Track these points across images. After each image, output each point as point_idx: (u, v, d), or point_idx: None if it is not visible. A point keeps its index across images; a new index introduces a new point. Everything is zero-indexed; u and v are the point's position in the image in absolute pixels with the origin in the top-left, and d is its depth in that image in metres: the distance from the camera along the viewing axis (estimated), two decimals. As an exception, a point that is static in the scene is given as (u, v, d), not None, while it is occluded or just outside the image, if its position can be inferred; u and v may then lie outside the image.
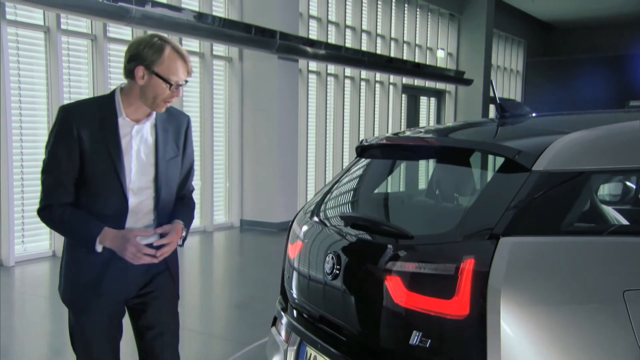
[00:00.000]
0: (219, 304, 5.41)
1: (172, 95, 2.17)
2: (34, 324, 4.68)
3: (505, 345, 1.61)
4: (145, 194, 2.24)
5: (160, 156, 2.24)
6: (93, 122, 2.14)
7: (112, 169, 2.14)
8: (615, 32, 19.48)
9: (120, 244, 2.10)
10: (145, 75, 2.12)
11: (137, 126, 2.21)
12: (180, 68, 2.15)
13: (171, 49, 2.14)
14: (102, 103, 2.20)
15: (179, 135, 2.33)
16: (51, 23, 6.59)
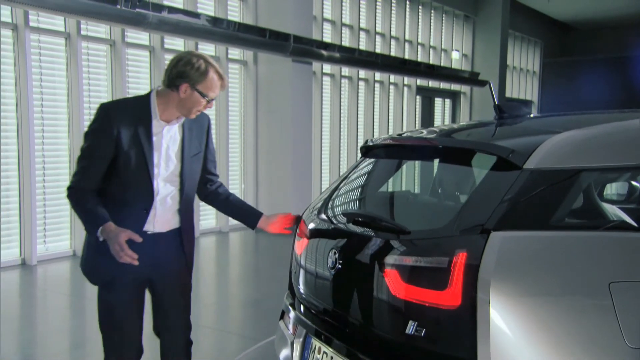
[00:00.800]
0: (233, 302, 5.54)
1: (205, 107, 2.52)
2: (56, 320, 4.85)
3: (494, 333, 1.70)
4: (171, 186, 2.53)
5: (185, 153, 2.55)
6: (130, 120, 2.41)
7: (143, 163, 2.43)
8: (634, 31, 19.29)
9: (112, 240, 2.30)
10: (188, 90, 2.43)
11: (168, 126, 2.51)
12: (217, 87, 2.50)
13: (214, 72, 2.47)
14: (138, 104, 2.48)
15: (202, 134, 2.66)
16: (72, 29, 6.79)
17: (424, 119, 13.60)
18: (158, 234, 2.52)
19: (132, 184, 2.44)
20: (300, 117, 9.04)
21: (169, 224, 2.57)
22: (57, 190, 6.86)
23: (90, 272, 2.50)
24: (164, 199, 2.51)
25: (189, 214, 2.64)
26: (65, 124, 6.85)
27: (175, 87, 2.43)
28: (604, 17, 18.72)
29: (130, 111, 2.44)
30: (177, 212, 2.57)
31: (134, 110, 2.45)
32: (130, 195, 2.44)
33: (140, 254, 2.35)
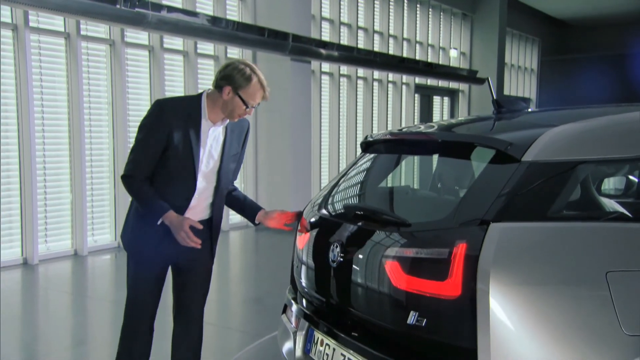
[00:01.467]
0: (234, 299, 5.57)
1: (245, 113, 2.68)
2: (58, 318, 4.88)
3: (493, 322, 1.73)
4: (209, 180, 2.76)
5: (225, 152, 2.77)
6: (181, 118, 2.64)
7: (190, 158, 2.66)
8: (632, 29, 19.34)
9: (177, 227, 2.58)
10: (231, 93, 2.62)
11: (214, 127, 2.73)
12: (259, 96, 2.66)
13: (257, 81, 2.63)
14: (190, 104, 2.71)
15: (241, 137, 2.88)
16: (71, 29, 6.82)
17: (422, 117, 13.63)
18: None
19: (178, 176, 2.67)
20: (300, 116, 9.07)
21: (202, 214, 2.79)
22: (58, 190, 6.89)
23: (129, 244, 2.77)
24: (201, 192, 2.74)
25: (220, 207, 2.88)
26: (65, 124, 6.88)
27: (220, 89, 2.64)
28: (602, 15, 18.76)
29: (182, 109, 2.67)
30: (210, 205, 2.80)
31: (186, 109, 2.67)
32: (175, 185, 2.68)
33: (169, 237, 2.64)
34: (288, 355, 2.62)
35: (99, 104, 7.27)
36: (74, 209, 6.97)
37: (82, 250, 6.96)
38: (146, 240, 2.69)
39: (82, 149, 6.87)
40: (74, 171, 6.93)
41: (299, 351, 2.53)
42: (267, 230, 8.92)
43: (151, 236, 2.66)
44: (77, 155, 6.89)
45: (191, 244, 2.58)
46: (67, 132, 6.90)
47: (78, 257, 6.91)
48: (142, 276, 2.76)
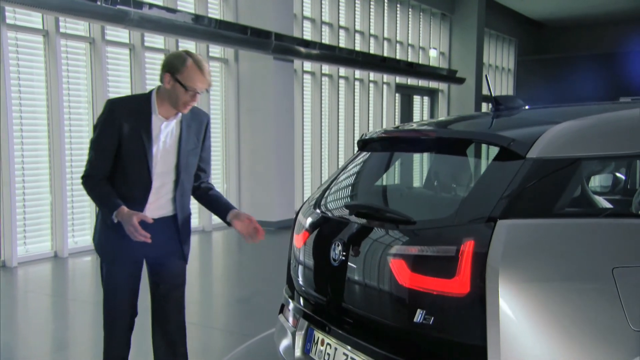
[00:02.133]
0: (221, 299, 5.51)
1: (190, 100, 2.63)
2: (38, 321, 4.76)
3: (503, 318, 1.73)
4: (167, 177, 2.74)
5: (182, 147, 2.74)
6: (132, 115, 2.65)
7: (142, 154, 2.65)
8: (605, 29, 19.72)
9: (126, 222, 2.55)
10: (170, 80, 2.60)
11: (166, 122, 2.71)
12: (197, 79, 2.60)
13: (192, 62, 2.60)
14: (141, 101, 2.72)
15: (200, 131, 2.84)
16: (50, 26, 6.67)
17: (403, 116, 13.69)
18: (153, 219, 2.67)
19: (133, 174, 2.67)
20: (283, 115, 9.03)
21: (164, 210, 2.77)
22: (37, 191, 6.74)
23: (98, 246, 2.79)
24: (159, 188, 2.72)
25: (184, 203, 2.83)
26: (44, 123, 6.74)
27: (162, 80, 2.64)
28: (577, 16, 19.08)
29: (132, 106, 2.69)
30: (171, 200, 2.77)
31: (136, 106, 2.69)
32: (131, 183, 2.68)
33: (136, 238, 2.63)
34: (286, 355, 2.58)
35: (79, 102, 7.13)
36: (54, 210, 6.83)
37: (62, 252, 6.83)
38: (114, 241, 2.69)
39: (61, 149, 6.73)
40: (53, 172, 6.79)
41: (299, 351, 2.50)
42: (250, 230, 8.86)
43: (118, 236, 2.64)
44: (56, 155, 6.75)
45: (140, 238, 2.53)
46: (46, 132, 6.75)
47: (58, 259, 6.77)
48: (115, 276, 2.76)
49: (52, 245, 6.87)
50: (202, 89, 2.63)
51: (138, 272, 2.82)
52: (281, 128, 8.99)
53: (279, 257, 7.39)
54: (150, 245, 2.66)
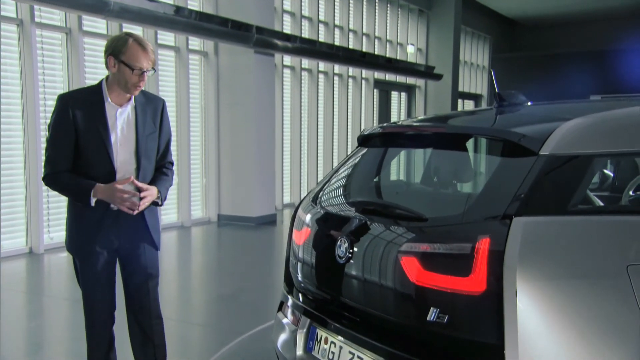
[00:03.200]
0: (205, 296, 5.42)
1: (139, 80, 2.62)
2: (12, 319, 4.60)
3: (521, 316, 1.71)
4: (129, 164, 2.72)
5: (140, 132, 2.72)
6: (85, 106, 2.64)
7: (101, 143, 2.63)
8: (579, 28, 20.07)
9: (109, 194, 2.59)
10: (116, 64, 2.60)
11: (120, 109, 2.70)
12: (141, 57, 2.60)
13: (133, 40, 2.60)
14: (91, 91, 2.71)
15: (156, 115, 2.81)
16: (25, 16, 6.46)
17: (381, 112, 13.72)
18: (120, 210, 2.67)
19: (95, 163, 2.65)
20: (264, 110, 8.93)
21: None
22: (12, 186, 6.54)
23: (69, 245, 2.75)
24: (123, 176, 2.68)
25: None
26: (19, 115, 6.53)
27: (107, 65, 2.62)
28: (551, 14, 19.37)
29: (84, 98, 2.68)
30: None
31: (88, 97, 2.68)
32: (94, 174, 2.64)
33: (106, 229, 2.68)
34: (286, 353, 2.53)
35: (55, 95, 6.90)
36: (29, 205, 6.64)
37: (37, 248, 6.64)
38: (82, 236, 2.69)
39: (37, 142, 6.53)
40: (28, 166, 6.59)
41: (300, 350, 2.45)
42: (230, 225, 8.78)
43: (85, 231, 2.67)
44: (31, 148, 6.55)
45: (133, 200, 2.58)
46: (21, 125, 6.55)
47: (33, 255, 6.59)
48: (90, 272, 2.73)
49: (27, 241, 6.68)
50: (148, 67, 2.61)
51: (112, 265, 2.80)
52: (262, 123, 8.91)
53: (260, 253, 7.36)
54: (121, 237, 2.72)
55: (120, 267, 2.86)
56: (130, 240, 2.77)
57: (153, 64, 2.66)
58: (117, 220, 2.70)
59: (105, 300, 2.80)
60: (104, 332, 2.84)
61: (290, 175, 10.76)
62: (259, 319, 4.43)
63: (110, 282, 2.80)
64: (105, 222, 2.67)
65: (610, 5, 17.65)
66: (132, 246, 2.78)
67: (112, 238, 2.71)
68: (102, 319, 2.82)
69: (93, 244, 2.68)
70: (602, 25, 19.46)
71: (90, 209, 2.62)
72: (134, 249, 2.80)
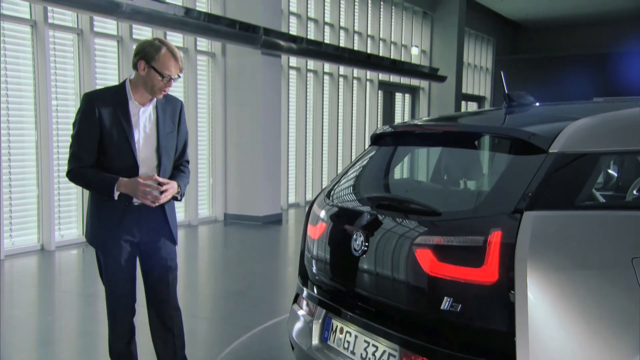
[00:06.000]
0: (216, 292, 5.53)
1: (165, 85, 2.76)
2: (26, 314, 4.70)
3: (531, 306, 1.81)
4: (150, 160, 2.83)
5: (161, 130, 2.85)
6: (110, 105, 2.75)
7: (125, 140, 2.75)
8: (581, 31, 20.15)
9: (132, 187, 2.69)
10: (146, 68, 2.71)
11: (143, 108, 2.82)
12: (172, 65, 2.73)
13: (166, 49, 2.72)
14: (115, 91, 2.83)
15: (175, 115, 2.95)
16: (38, 17, 6.57)
17: (385, 113, 13.82)
18: (142, 205, 2.78)
19: (118, 159, 2.75)
20: (270, 111, 9.04)
21: None
22: (24, 184, 6.65)
23: (91, 239, 2.85)
24: (145, 173, 2.79)
25: None
26: (31, 115, 6.64)
27: (136, 67, 2.73)
28: (553, 17, 19.46)
29: (109, 96, 2.78)
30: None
31: (113, 96, 2.78)
32: (118, 169, 2.74)
33: (128, 223, 2.78)
34: (302, 343, 2.63)
35: (67, 94, 7.05)
36: (41, 203, 6.75)
37: (49, 245, 6.75)
38: (104, 229, 2.79)
39: (49, 141, 6.65)
40: (40, 164, 6.71)
41: (316, 339, 2.55)
42: (236, 224, 8.88)
43: (108, 224, 2.77)
44: (44, 147, 6.66)
45: (154, 193, 2.68)
46: (34, 124, 6.66)
47: (45, 252, 6.69)
48: (113, 265, 2.82)
49: (38, 238, 6.79)
50: (175, 75, 2.74)
51: (133, 258, 2.89)
52: (268, 123, 9.01)
53: (267, 252, 7.46)
54: (142, 230, 2.82)
55: (140, 261, 2.95)
56: (151, 234, 2.86)
57: (181, 71, 2.78)
58: (139, 214, 2.80)
59: (127, 293, 2.90)
60: (125, 324, 2.93)
61: (296, 175, 10.86)
62: (268, 314, 4.53)
63: (131, 275, 2.89)
64: (127, 216, 2.78)
65: (613, 9, 17.74)
66: (152, 240, 2.88)
67: (133, 232, 2.81)
68: (124, 311, 2.91)
69: (115, 237, 2.78)
70: (605, 28, 19.54)
71: (113, 202, 2.73)
72: (154, 243, 2.89)
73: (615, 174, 3.70)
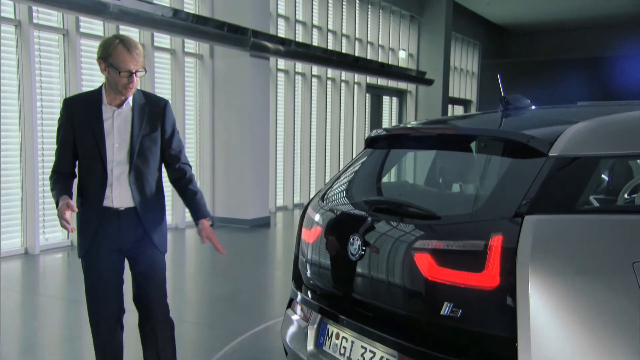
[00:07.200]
0: (206, 297, 5.46)
1: (128, 82, 2.64)
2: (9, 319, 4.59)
3: (533, 310, 1.78)
4: (123, 163, 2.74)
5: (134, 133, 2.73)
6: (83, 108, 2.73)
7: (95, 148, 2.69)
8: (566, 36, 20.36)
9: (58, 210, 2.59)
10: (105, 67, 2.65)
11: (118, 110, 2.74)
12: (127, 59, 2.61)
13: (119, 42, 2.62)
14: (91, 95, 2.78)
15: (157, 115, 2.81)
16: (23, 17, 6.47)
17: (373, 116, 13.82)
18: (118, 210, 2.74)
19: (90, 165, 2.72)
20: (258, 113, 8.99)
21: (126, 201, 2.75)
22: (7, 186, 6.52)
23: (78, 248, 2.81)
24: (118, 177, 2.72)
25: (143, 190, 2.78)
26: (16, 117, 6.52)
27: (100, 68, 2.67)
28: (538, 22, 19.64)
29: (84, 100, 2.77)
30: (128, 187, 2.74)
31: (87, 100, 2.75)
32: (91, 176, 2.72)
33: (107, 228, 2.72)
34: (296, 348, 2.59)
35: (52, 96, 6.94)
36: (25, 206, 6.63)
37: (33, 249, 6.64)
38: (85, 237, 2.74)
39: (34, 143, 6.53)
40: (24, 166, 6.59)
41: (311, 345, 2.51)
42: (225, 227, 8.80)
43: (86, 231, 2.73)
44: (28, 149, 6.54)
45: (63, 223, 2.56)
46: (18, 126, 6.54)
47: (29, 256, 6.58)
48: (92, 269, 2.76)
49: (22, 242, 6.67)
50: (135, 69, 2.62)
51: (117, 265, 2.81)
52: (256, 126, 8.96)
53: (255, 255, 7.39)
54: (124, 236, 2.76)
55: (130, 269, 2.87)
56: (129, 241, 2.77)
57: (142, 65, 2.67)
58: (118, 218, 2.73)
59: (109, 304, 2.80)
60: (110, 339, 2.83)
61: (284, 178, 10.81)
62: (258, 318, 4.48)
63: (114, 285, 2.80)
64: (105, 222, 2.71)
65: (597, 14, 17.95)
66: (132, 247, 2.79)
67: (114, 237, 2.73)
68: (108, 325, 2.81)
69: (95, 243, 2.72)
70: (589, 33, 19.76)
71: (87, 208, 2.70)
72: (135, 250, 2.79)
73: (606, 178, 3.71)
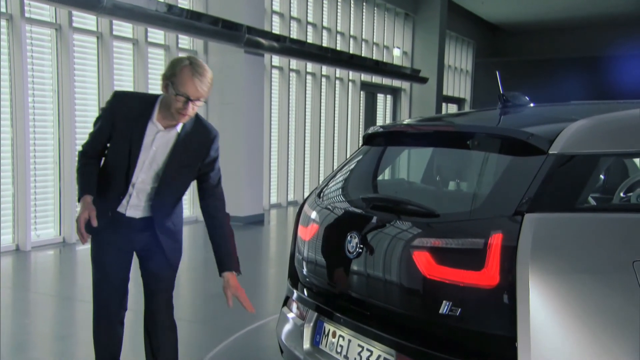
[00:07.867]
0: (199, 294, 5.42)
1: (183, 108, 2.46)
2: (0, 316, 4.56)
3: (532, 310, 1.77)
4: (146, 183, 2.63)
5: (171, 160, 2.60)
6: (130, 115, 2.56)
7: (126, 156, 2.56)
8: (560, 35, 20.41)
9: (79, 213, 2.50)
10: (168, 86, 2.47)
11: (163, 132, 2.59)
12: (188, 83, 2.42)
13: (188, 64, 2.45)
14: (145, 102, 2.60)
15: (202, 149, 2.67)
16: (14, 10, 6.39)
17: (367, 113, 13.81)
18: (132, 218, 2.66)
19: (115, 170, 2.62)
20: (253, 110, 8.94)
21: (141, 213, 2.69)
22: (2, 182, 6.45)
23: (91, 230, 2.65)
24: (139, 192, 2.63)
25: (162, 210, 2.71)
26: (7, 112, 6.45)
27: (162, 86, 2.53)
28: (532, 21, 19.67)
29: (135, 106, 2.58)
30: (149, 206, 2.67)
31: (139, 107, 2.58)
32: (112, 178, 2.62)
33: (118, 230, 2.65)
34: (292, 347, 2.57)
35: (43, 91, 6.87)
36: (16, 203, 6.57)
37: (24, 245, 6.57)
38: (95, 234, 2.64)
39: (25, 139, 6.47)
40: (16, 162, 6.52)
41: (307, 344, 2.49)
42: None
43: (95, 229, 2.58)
44: (20, 145, 6.48)
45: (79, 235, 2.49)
46: (9, 121, 6.47)
47: (20, 252, 6.51)
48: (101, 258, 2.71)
49: (13, 239, 6.61)
50: (194, 97, 2.44)
51: (125, 264, 2.76)
52: (251, 122, 8.92)
53: (249, 253, 7.34)
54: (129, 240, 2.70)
55: (139, 265, 2.84)
56: (142, 244, 2.73)
57: (204, 95, 2.48)
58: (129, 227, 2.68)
59: (112, 302, 2.77)
60: (110, 335, 2.81)
61: (278, 176, 10.78)
62: (252, 316, 4.43)
63: (120, 277, 2.76)
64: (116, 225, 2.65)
65: (592, 13, 18.00)
66: (145, 250, 2.75)
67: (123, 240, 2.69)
68: (109, 322, 2.79)
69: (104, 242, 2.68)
70: (584, 32, 19.82)
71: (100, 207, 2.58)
72: (147, 254, 2.76)
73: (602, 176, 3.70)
